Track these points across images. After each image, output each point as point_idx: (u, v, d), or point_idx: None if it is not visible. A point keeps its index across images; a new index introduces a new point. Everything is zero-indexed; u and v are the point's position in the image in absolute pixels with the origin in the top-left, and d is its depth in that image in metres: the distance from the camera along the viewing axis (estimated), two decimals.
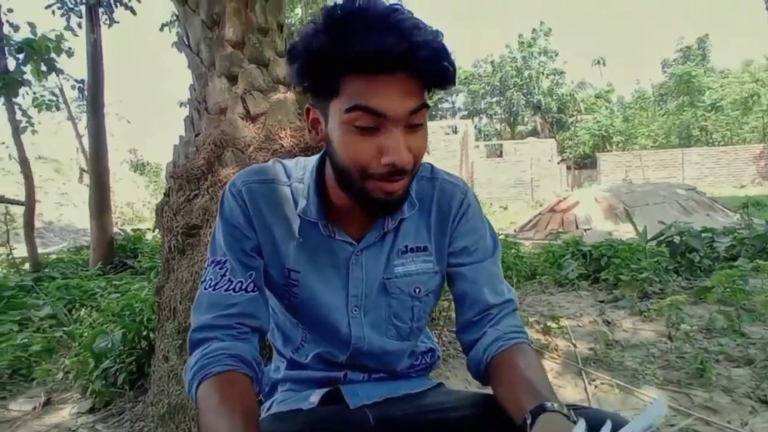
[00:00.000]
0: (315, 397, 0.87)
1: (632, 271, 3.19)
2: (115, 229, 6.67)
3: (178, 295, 2.01)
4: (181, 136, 2.31)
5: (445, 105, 41.66)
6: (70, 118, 8.43)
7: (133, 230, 7.39)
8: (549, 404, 0.67)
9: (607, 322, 2.59)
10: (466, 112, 40.67)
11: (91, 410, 2.16)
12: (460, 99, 42.18)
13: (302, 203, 0.83)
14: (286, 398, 0.91)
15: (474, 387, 1.80)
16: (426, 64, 0.67)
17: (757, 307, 2.45)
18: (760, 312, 2.42)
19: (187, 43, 2.33)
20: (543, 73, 36.88)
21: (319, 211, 0.82)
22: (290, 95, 2.21)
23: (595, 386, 1.92)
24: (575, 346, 2.30)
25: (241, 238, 0.83)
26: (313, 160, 0.85)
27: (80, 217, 13.33)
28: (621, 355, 2.17)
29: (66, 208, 14.05)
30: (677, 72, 29.42)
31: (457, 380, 2.09)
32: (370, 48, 0.65)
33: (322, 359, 0.90)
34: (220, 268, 0.83)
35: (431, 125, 24.96)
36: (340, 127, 0.70)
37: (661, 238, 3.92)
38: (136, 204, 16.73)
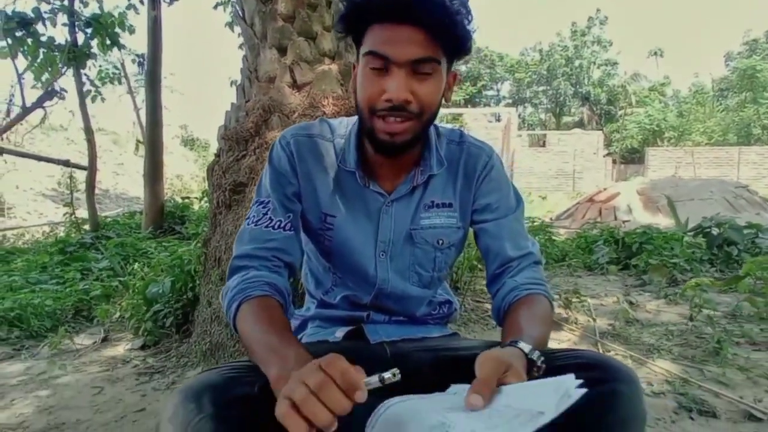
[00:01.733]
0: (340, 332, 0.98)
1: (663, 257, 3.18)
2: (166, 197, 7.07)
3: (223, 246, 2.21)
4: (232, 104, 2.50)
5: (490, 92, 40.86)
6: (129, 91, 8.90)
7: (183, 198, 7.81)
8: (520, 342, 0.72)
9: (630, 303, 2.62)
10: (510, 101, 39.78)
11: (143, 347, 2.41)
12: (505, 87, 41.31)
13: (342, 155, 0.93)
14: (314, 332, 1.03)
15: None
16: (430, 18, 0.78)
17: None
18: None
19: (242, 16, 2.49)
20: (594, 63, 35.55)
21: (356, 162, 0.92)
22: (334, 66, 2.35)
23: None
24: (594, 320, 2.36)
25: (285, 183, 0.93)
26: (355, 118, 0.95)
27: (134, 186, 14.10)
28: (639, 332, 2.22)
29: (121, 177, 14.87)
30: (741, 66, 27.69)
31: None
32: (372, 3, 0.79)
33: (349, 301, 1.01)
34: (263, 207, 0.93)
35: (474, 112, 24.67)
36: (361, 69, 0.83)
37: (700, 230, 3.85)
38: (184, 177, 17.48)
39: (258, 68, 2.38)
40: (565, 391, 0.55)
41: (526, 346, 0.72)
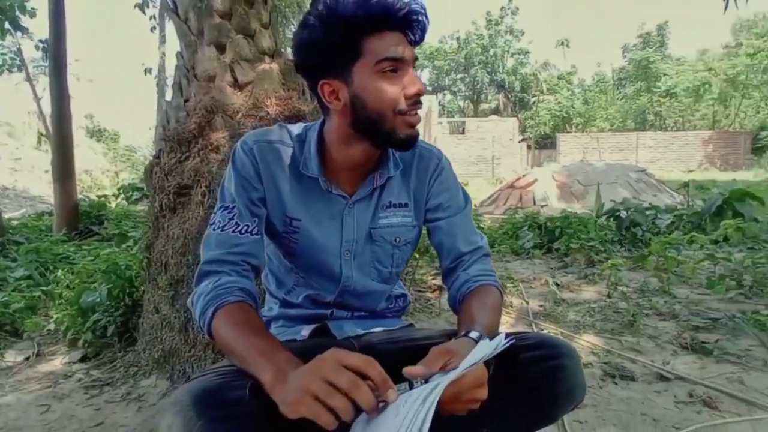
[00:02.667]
0: (306, 331, 1.04)
1: (580, 240, 3.51)
2: (78, 196, 6.56)
3: (169, 250, 2.15)
4: (168, 102, 2.41)
5: None
6: (28, 79, 8.06)
7: (98, 197, 7.27)
8: (471, 332, 0.83)
9: (557, 284, 2.90)
10: (430, 88, 40.67)
11: (83, 359, 2.29)
12: (425, 75, 42.10)
13: (303, 161, 0.97)
14: (279, 333, 1.07)
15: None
16: (420, 26, 0.88)
17: (686, 272, 2.81)
18: (688, 276, 2.79)
19: (174, 10, 2.40)
20: (508, 52, 37.25)
21: (319, 168, 0.96)
22: (275, 65, 2.34)
23: None
24: (527, 302, 2.60)
25: (249, 188, 0.96)
26: (314, 125, 1.00)
27: (36, 183, 12.83)
28: (566, 311, 2.48)
29: (20, 174, 13.44)
30: (636, 57, 30.41)
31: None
32: (381, 8, 0.84)
33: (311, 299, 1.07)
34: (229, 212, 0.95)
35: None
36: (370, 80, 0.86)
37: (610, 213, 4.29)
38: (94, 172, 16.15)
39: (196, 66, 2.32)
40: (496, 345, 0.70)
41: (475, 334, 0.82)
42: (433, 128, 22.15)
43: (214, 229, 0.94)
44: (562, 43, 39.03)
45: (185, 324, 2.04)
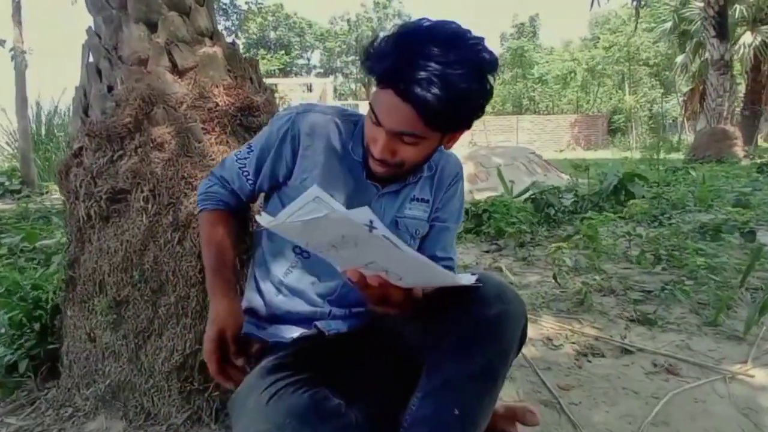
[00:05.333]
0: (295, 333, 1.07)
1: (510, 224, 3.70)
2: None
3: (105, 266, 1.82)
4: (83, 88, 2.02)
5: (300, 61, 40.49)
6: None
7: None
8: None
9: (500, 269, 3.02)
10: (321, 71, 40.11)
11: None
12: (315, 56, 41.38)
13: (352, 144, 1.04)
14: (269, 335, 1.10)
15: None
16: (424, 106, 0.83)
17: (607, 249, 3.11)
18: (610, 253, 3.08)
19: None
20: None
21: (363, 155, 1.02)
22: (218, 49, 2.07)
23: None
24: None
25: (269, 159, 1.06)
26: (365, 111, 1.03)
27: None
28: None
29: None
30: (513, 46, 32.86)
31: None
32: (381, 67, 0.87)
33: (308, 291, 1.08)
34: (248, 152, 1.10)
35: (288, 82, 24.17)
36: (369, 108, 0.93)
37: (526, 195, 4.58)
38: None
39: (120, 46, 1.97)
40: (467, 281, 0.83)
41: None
42: None
43: (235, 154, 1.14)
44: None
45: (136, 351, 1.75)
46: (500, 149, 9.44)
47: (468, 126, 0.93)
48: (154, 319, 1.75)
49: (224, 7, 33.12)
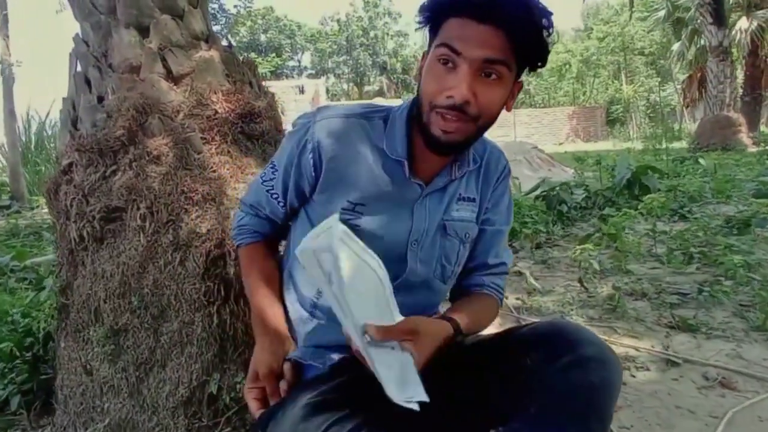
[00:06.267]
0: (336, 356, 0.95)
1: (523, 224, 3.55)
2: None
3: (100, 292, 1.66)
4: (71, 100, 1.86)
5: (291, 63, 40.34)
6: None
7: None
8: (454, 317, 0.90)
9: (519, 273, 2.87)
10: (313, 72, 39.98)
11: None
12: (306, 58, 41.24)
13: (387, 142, 0.91)
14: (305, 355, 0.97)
15: None
16: (513, 21, 0.76)
17: (632, 248, 2.95)
18: (635, 252, 2.93)
19: None
20: (388, 35, 37.82)
21: (405, 151, 0.90)
22: (215, 53, 1.91)
23: None
24: (506, 297, 2.52)
25: (293, 174, 0.95)
26: (402, 106, 0.94)
27: None
28: (543, 301, 2.44)
29: None
30: None
31: None
32: None
33: None
34: (273, 173, 1.00)
35: (280, 85, 23.99)
36: (430, 62, 0.83)
37: (536, 192, 4.43)
38: None
39: (110, 54, 1.81)
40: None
41: (457, 322, 0.90)
42: None
43: (261, 176, 1.03)
44: None
45: (137, 385, 1.59)
46: (501, 144, 9.23)
47: (544, 63, 0.84)
48: (156, 348, 1.59)
49: (213, 11, 32.93)
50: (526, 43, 0.79)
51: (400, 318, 0.81)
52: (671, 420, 1.46)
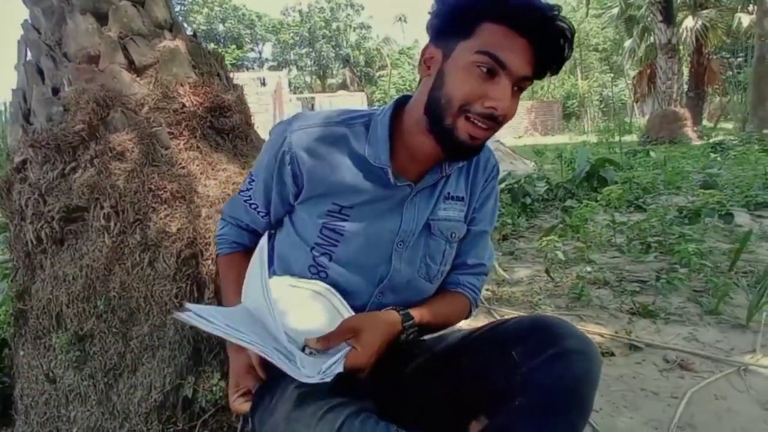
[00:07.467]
0: None
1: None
2: None
3: (63, 296, 1.58)
4: (22, 91, 1.75)
5: (251, 54, 39.39)
6: None
7: None
8: (410, 311, 0.92)
9: None
10: (274, 63, 39.20)
11: None
12: (267, 49, 40.37)
13: (368, 149, 0.89)
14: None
15: None
16: (549, 42, 0.77)
17: (593, 238, 3.06)
18: (597, 242, 3.04)
19: None
20: (350, 27, 37.52)
21: (388, 158, 0.88)
22: (180, 43, 1.84)
23: None
24: None
25: (273, 183, 0.93)
26: (383, 110, 0.91)
27: None
28: (512, 291, 2.50)
29: None
30: None
31: None
32: (522, 3, 0.75)
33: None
34: (250, 183, 0.99)
35: (241, 77, 23.32)
36: (463, 64, 0.78)
37: (502, 185, 4.52)
38: None
39: (65, 41, 1.71)
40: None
41: (408, 315, 0.90)
42: (284, 105, 21.30)
43: (241, 190, 1.02)
44: (400, 19, 40.58)
45: (106, 392, 1.53)
46: None
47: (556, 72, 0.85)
48: (126, 353, 1.54)
49: None
50: (548, 65, 0.80)
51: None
52: (637, 402, 1.53)
